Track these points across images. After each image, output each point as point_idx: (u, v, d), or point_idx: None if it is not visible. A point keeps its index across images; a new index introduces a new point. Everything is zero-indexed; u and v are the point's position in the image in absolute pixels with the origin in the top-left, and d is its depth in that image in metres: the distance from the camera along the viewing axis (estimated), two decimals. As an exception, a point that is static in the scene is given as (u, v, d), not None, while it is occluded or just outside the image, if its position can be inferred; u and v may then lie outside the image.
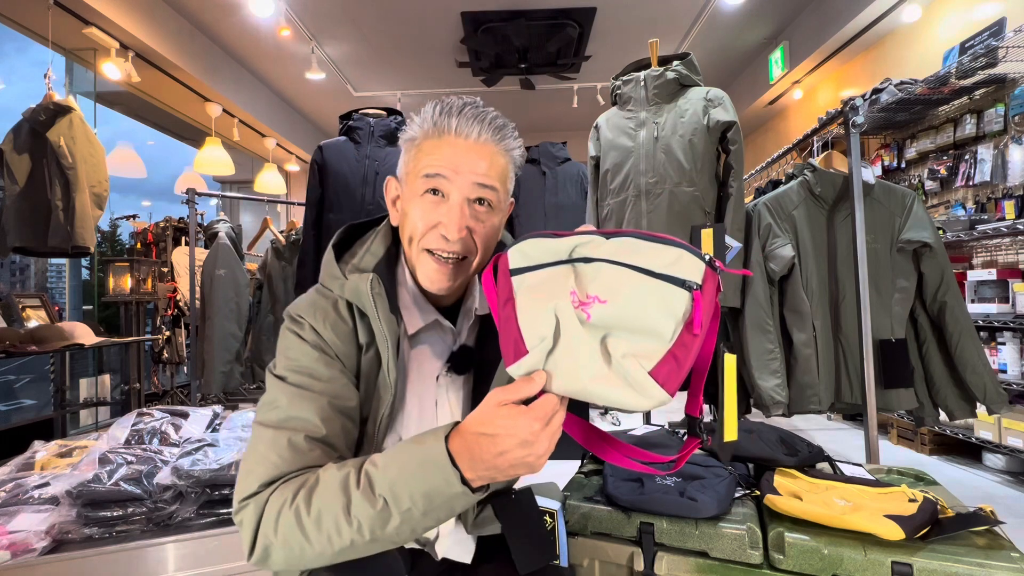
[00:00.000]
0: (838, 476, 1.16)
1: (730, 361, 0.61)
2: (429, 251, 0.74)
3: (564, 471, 1.23)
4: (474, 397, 0.81)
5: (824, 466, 1.24)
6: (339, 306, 0.75)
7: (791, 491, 1.06)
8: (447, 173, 0.72)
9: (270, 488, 0.63)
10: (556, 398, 0.57)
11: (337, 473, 0.61)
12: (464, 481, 0.58)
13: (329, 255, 0.78)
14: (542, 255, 0.59)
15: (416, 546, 0.86)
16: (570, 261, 0.58)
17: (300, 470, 0.64)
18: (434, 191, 0.73)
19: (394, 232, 0.82)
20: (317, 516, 0.59)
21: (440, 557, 0.85)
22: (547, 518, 0.99)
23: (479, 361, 0.81)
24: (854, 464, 1.26)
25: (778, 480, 1.10)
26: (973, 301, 2.71)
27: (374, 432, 0.76)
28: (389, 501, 0.58)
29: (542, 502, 1.00)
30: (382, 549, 0.62)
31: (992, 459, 2.61)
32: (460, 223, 0.72)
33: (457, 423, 0.61)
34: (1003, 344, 2.53)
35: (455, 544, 0.85)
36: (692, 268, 0.54)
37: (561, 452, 0.65)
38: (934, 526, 0.92)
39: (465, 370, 0.81)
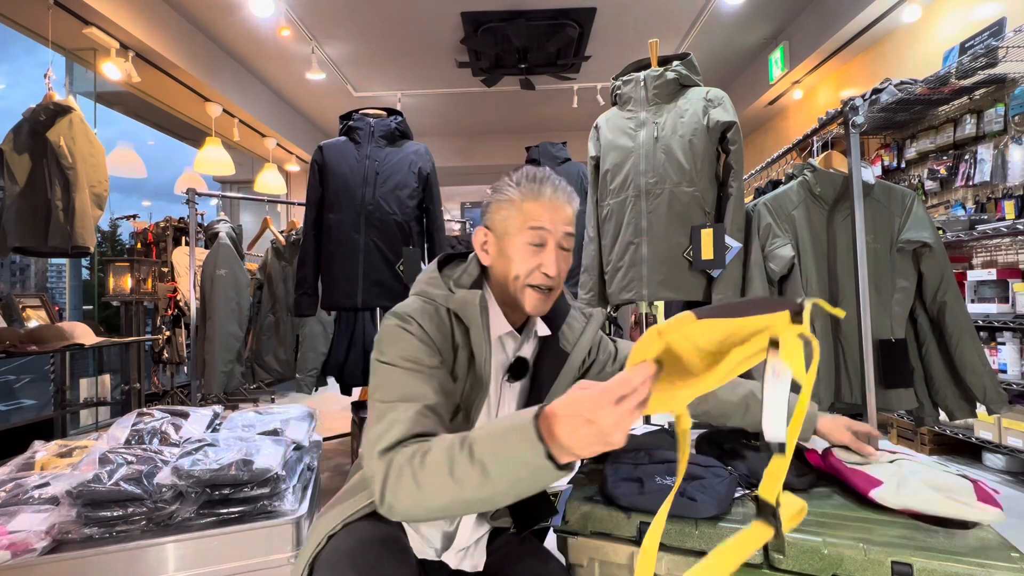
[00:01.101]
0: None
1: None
2: (532, 286, 0.94)
3: (564, 471, 1.23)
4: (527, 403, 0.99)
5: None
6: (440, 312, 0.92)
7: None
8: (547, 226, 0.94)
9: (396, 449, 0.73)
10: (634, 378, 0.61)
11: (445, 441, 0.71)
12: (550, 457, 0.64)
13: (434, 271, 0.98)
14: None
15: (432, 557, 0.89)
16: None
17: (420, 435, 0.75)
18: (538, 243, 0.94)
19: (480, 264, 1.02)
20: (427, 474, 0.69)
21: (454, 568, 0.89)
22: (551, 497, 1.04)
23: (533, 374, 1.01)
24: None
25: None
26: (973, 301, 2.71)
27: (464, 420, 0.92)
28: (488, 466, 0.66)
29: None
30: (483, 509, 0.71)
31: (992, 459, 2.61)
32: (556, 263, 0.94)
33: (544, 406, 0.68)
34: (1003, 344, 2.53)
35: (467, 557, 0.93)
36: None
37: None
38: None
39: (518, 377, 0.99)
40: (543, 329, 1.03)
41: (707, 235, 1.90)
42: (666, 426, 1.57)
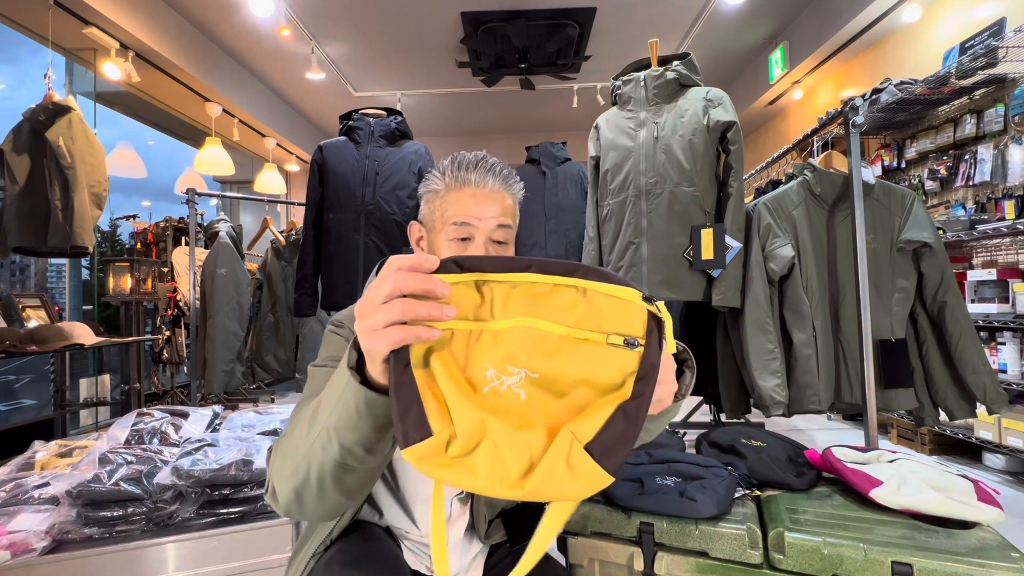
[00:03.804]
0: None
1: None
2: None
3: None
4: None
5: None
6: None
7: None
8: (472, 220, 0.84)
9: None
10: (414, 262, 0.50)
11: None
12: (358, 368, 0.56)
13: (374, 275, 0.90)
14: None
15: (424, 571, 0.88)
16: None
17: None
18: (463, 238, 0.85)
19: None
20: (286, 437, 0.66)
21: None
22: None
23: None
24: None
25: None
26: (973, 301, 2.71)
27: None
28: (322, 400, 0.61)
29: None
30: (322, 464, 0.60)
31: (992, 459, 2.61)
32: None
33: None
34: (1003, 344, 2.53)
35: (463, 572, 0.90)
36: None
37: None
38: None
39: None
40: None
41: (707, 235, 1.90)
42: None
